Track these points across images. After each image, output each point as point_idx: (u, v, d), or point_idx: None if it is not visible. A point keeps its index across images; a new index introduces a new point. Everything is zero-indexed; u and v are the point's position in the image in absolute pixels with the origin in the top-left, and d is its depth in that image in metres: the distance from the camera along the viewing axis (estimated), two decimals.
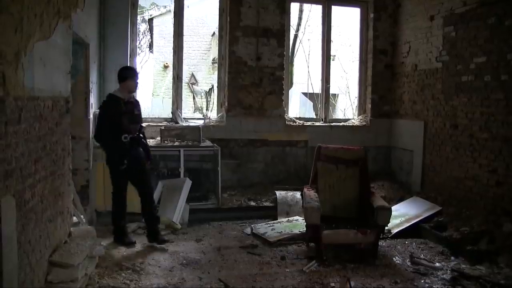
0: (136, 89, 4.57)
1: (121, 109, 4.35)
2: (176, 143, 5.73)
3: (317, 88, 8.80)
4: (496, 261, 4.04)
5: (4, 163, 2.23)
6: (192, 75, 13.99)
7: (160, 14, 14.80)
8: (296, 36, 11.40)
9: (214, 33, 13.35)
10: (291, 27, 7.68)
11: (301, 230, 4.86)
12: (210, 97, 6.86)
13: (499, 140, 4.82)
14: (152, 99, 14.91)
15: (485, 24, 4.99)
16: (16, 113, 2.40)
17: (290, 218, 5.46)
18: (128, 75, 4.43)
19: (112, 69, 5.94)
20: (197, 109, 10.94)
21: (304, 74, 12.23)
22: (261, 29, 6.45)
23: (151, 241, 4.57)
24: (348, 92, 11.70)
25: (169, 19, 11.43)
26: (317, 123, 7.02)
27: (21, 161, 2.49)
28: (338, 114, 12.03)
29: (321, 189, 4.80)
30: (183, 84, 7.04)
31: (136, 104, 4.60)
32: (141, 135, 4.54)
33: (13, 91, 2.33)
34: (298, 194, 5.76)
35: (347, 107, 11.93)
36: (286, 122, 6.68)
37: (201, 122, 6.53)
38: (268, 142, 6.54)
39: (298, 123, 6.82)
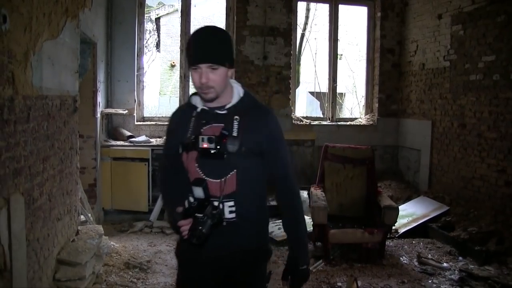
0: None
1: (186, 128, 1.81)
2: None
3: (324, 87, 8.78)
4: (505, 262, 4.00)
5: (13, 162, 2.25)
6: None
7: (167, 13, 14.84)
8: (303, 35, 11.39)
9: None
10: (298, 26, 7.66)
11: (308, 229, 4.85)
12: None
13: (508, 140, 4.76)
14: (159, 98, 14.96)
15: (494, 22, 4.94)
16: (25, 112, 2.42)
17: None
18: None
19: (120, 68, 5.99)
20: None
21: (311, 73, 12.21)
22: (268, 28, 6.44)
23: None
24: (355, 91, 11.67)
25: (176, 18, 11.47)
26: (324, 122, 6.99)
27: (30, 159, 2.51)
28: (345, 113, 12.00)
29: (328, 188, 4.79)
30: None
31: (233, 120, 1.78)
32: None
33: (22, 90, 2.35)
34: (305, 193, 5.73)
35: (354, 106, 11.89)
36: (293, 121, 6.66)
37: None
38: None
39: (305, 122, 6.80)
